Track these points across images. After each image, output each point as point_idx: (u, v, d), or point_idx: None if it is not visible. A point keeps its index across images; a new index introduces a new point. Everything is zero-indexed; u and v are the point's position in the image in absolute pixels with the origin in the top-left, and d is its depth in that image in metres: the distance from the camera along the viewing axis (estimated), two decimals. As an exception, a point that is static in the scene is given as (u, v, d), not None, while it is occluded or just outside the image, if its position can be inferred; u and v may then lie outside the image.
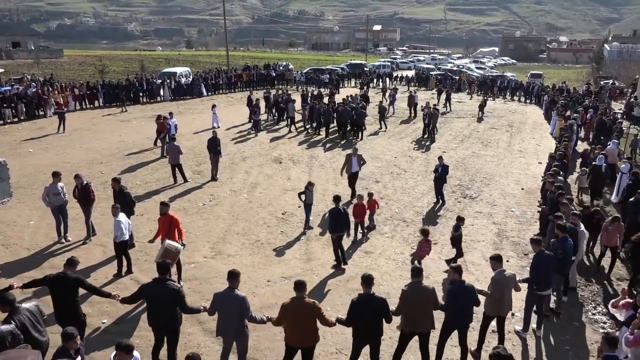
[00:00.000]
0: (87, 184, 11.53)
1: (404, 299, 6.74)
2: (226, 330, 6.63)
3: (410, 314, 6.80)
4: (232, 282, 6.53)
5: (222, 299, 6.52)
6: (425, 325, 6.87)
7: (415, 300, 6.71)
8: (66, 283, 6.74)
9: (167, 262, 7.06)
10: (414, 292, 6.73)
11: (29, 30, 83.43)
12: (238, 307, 6.45)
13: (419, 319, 6.81)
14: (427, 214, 13.89)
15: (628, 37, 76.64)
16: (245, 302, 6.47)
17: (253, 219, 13.28)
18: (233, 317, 6.50)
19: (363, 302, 6.47)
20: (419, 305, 6.74)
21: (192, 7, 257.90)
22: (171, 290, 6.55)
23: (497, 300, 7.34)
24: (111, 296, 7.15)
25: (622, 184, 14.09)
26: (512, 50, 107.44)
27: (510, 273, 7.46)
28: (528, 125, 27.74)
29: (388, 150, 21.26)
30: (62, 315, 6.75)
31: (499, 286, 7.29)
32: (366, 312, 6.45)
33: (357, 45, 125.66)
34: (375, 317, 6.50)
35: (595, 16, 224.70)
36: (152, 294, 6.67)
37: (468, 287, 6.96)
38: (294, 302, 6.35)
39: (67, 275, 6.78)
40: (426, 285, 6.90)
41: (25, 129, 24.10)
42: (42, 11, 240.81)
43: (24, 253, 11.03)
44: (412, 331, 6.96)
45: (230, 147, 21.08)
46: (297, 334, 6.45)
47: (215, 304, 6.57)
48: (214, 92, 37.43)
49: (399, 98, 31.74)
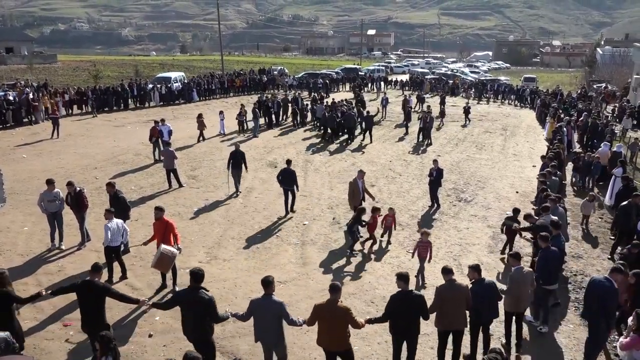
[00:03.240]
0: (80, 191, 11.45)
1: (439, 295, 6.87)
2: (267, 336, 6.60)
3: (445, 311, 6.91)
4: (268, 289, 6.46)
5: (260, 305, 6.46)
6: (459, 323, 6.99)
7: (450, 297, 6.84)
8: (94, 291, 6.68)
9: (202, 271, 6.65)
10: (449, 289, 6.87)
11: (22, 36, 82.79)
12: (277, 313, 6.42)
13: (453, 316, 6.91)
14: (422, 218, 13.92)
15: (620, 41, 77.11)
16: (284, 308, 6.43)
17: (248, 224, 13.26)
18: (272, 323, 6.47)
19: (400, 298, 6.59)
20: (454, 303, 6.86)
21: (187, 12, 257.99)
22: (203, 300, 6.37)
23: (515, 297, 7.52)
24: (140, 302, 7.04)
25: (616, 187, 14.18)
26: (505, 54, 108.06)
27: (527, 270, 7.65)
28: (522, 128, 27.90)
29: (383, 154, 21.31)
30: (88, 322, 6.72)
31: (516, 283, 7.48)
32: (404, 308, 6.57)
33: (352, 50, 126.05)
34: (413, 314, 6.62)
35: (587, 20, 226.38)
36: (184, 302, 6.51)
37: (489, 284, 7.15)
38: (327, 304, 6.37)
39: (94, 283, 6.72)
40: (460, 282, 7.04)
41: (19, 135, 23.98)
42: (35, 16, 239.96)
43: (18, 259, 10.96)
44: (447, 329, 7.06)
45: (225, 152, 21.04)
46: (326, 336, 6.47)
47: (252, 311, 6.52)
48: (206, 98, 37.31)
49: (393, 102, 31.84)
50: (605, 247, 12.07)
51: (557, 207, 10.59)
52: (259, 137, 24.22)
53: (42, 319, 8.61)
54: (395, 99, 35.94)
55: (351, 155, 21.08)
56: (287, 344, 6.92)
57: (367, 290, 9.82)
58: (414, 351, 6.87)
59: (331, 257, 11.35)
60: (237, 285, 9.88)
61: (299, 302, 9.21)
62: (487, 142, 24.11)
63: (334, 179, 17.54)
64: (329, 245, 11.99)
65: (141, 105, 33.42)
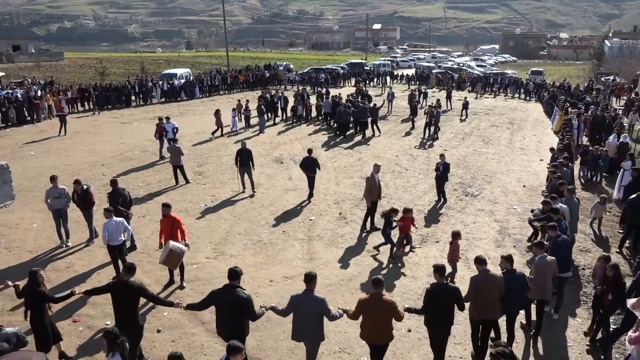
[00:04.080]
0: (87, 189, 11.49)
1: (474, 286, 6.95)
2: (308, 334, 6.54)
3: (480, 301, 6.99)
4: (310, 284, 6.43)
5: (301, 302, 6.42)
6: (493, 313, 7.08)
7: (485, 287, 6.92)
8: (129, 291, 6.70)
9: (238, 269, 6.60)
10: (484, 279, 6.95)
11: (29, 34, 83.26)
12: (318, 309, 6.38)
13: (488, 306, 6.99)
14: (429, 212, 13.89)
15: (628, 33, 76.43)
16: (325, 304, 6.40)
17: (255, 219, 13.29)
18: (313, 320, 6.45)
19: (438, 291, 6.66)
20: (488, 293, 6.93)
21: (192, 9, 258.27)
22: (241, 298, 6.30)
23: (540, 284, 7.64)
24: (174, 305, 6.97)
25: (624, 181, 14.05)
26: (512, 47, 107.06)
27: (551, 258, 7.75)
28: (529, 122, 27.72)
29: (389, 149, 21.27)
30: (122, 321, 6.72)
31: (541, 271, 7.62)
32: (440, 300, 6.65)
33: (357, 45, 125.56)
34: (449, 305, 6.69)
35: (595, 12, 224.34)
36: (220, 300, 6.41)
37: (520, 275, 7.29)
38: (371, 299, 6.42)
39: (130, 284, 6.74)
40: (494, 273, 7.11)
41: (27, 133, 24.16)
42: (42, 14, 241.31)
43: (27, 256, 11.06)
44: (482, 319, 7.15)
45: (231, 147, 21.10)
46: (372, 330, 6.50)
47: (293, 307, 6.48)
48: (210, 94, 37.22)
49: (399, 97, 31.74)
50: (614, 240, 11.99)
51: (572, 198, 10.72)
52: (265, 133, 24.24)
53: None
54: (401, 94, 35.80)
55: (357, 150, 21.05)
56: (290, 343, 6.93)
57: (374, 285, 9.81)
58: (445, 342, 6.98)
59: (338, 252, 11.36)
60: (244, 281, 9.82)
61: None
62: (493, 136, 23.99)
63: (340, 174, 17.54)
64: (336, 240, 12.00)
65: (143, 103, 33.42)
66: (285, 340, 7.83)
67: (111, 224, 9.51)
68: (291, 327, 6.69)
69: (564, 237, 8.43)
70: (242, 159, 15.12)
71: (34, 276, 6.83)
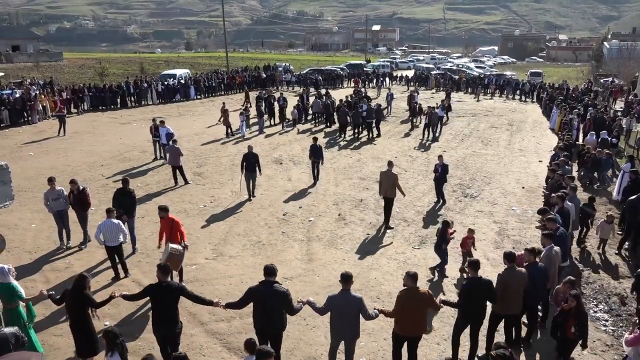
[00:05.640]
0: (84, 189, 11.48)
1: (504, 281, 7.09)
2: (348, 332, 6.60)
3: (506, 296, 7.10)
4: (346, 284, 6.49)
5: (338, 301, 6.48)
6: (515, 308, 7.26)
7: (512, 282, 7.07)
8: (169, 292, 6.63)
9: (274, 266, 6.63)
10: (511, 275, 7.11)
11: (28, 34, 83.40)
12: (356, 309, 6.46)
13: (512, 301, 7.15)
14: (428, 214, 13.90)
15: (627, 34, 76.61)
16: (363, 303, 6.50)
17: (254, 220, 13.29)
18: (351, 319, 6.51)
19: (473, 286, 6.93)
20: (515, 288, 7.09)
21: (191, 9, 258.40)
22: (280, 293, 6.40)
23: (552, 273, 7.85)
24: (213, 304, 6.90)
25: (623, 182, 14.07)
26: (511, 49, 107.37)
27: (557, 249, 7.97)
28: (528, 123, 27.75)
29: (388, 150, 21.28)
30: (163, 323, 6.69)
31: (552, 261, 7.85)
32: (475, 295, 6.93)
33: (357, 46, 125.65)
34: (482, 300, 6.98)
35: (594, 14, 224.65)
36: (260, 297, 6.47)
37: (542, 268, 7.50)
38: (409, 293, 6.51)
39: (170, 285, 6.69)
40: (520, 269, 7.27)
41: (26, 133, 24.13)
42: (41, 14, 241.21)
43: (26, 256, 11.04)
44: (505, 313, 7.32)
45: (230, 148, 21.12)
46: (411, 323, 6.61)
47: (330, 307, 6.53)
48: (207, 95, 37.03)
49: (398, 98, 31.77)
50: (612, 242, 11.99)
51: (576, 196, 10.86)
52: (264, 134, 24.23)
53: (50, 315, 8.68)
54: (400, 95, 35.83)
55: (356, 152, 21.06)
56: (294, 340, 6.93)
57: (373, 286, 9.82)
58: (477, 333, 7.18)
59: (337, 253, 11.35)
60: (243, 282, 9.90)
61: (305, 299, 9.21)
62: (492, 137, 24.01)
63: (340, 175, 17.54)
64: (335, 241, 12.00)
65: (137, 104, 32.80)
66: (285, 341, 7.82)
67: (106, 224, 9.51)
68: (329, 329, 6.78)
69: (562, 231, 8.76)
70: (249, 164, 14.54)
71: (82, 280, 6.72)
